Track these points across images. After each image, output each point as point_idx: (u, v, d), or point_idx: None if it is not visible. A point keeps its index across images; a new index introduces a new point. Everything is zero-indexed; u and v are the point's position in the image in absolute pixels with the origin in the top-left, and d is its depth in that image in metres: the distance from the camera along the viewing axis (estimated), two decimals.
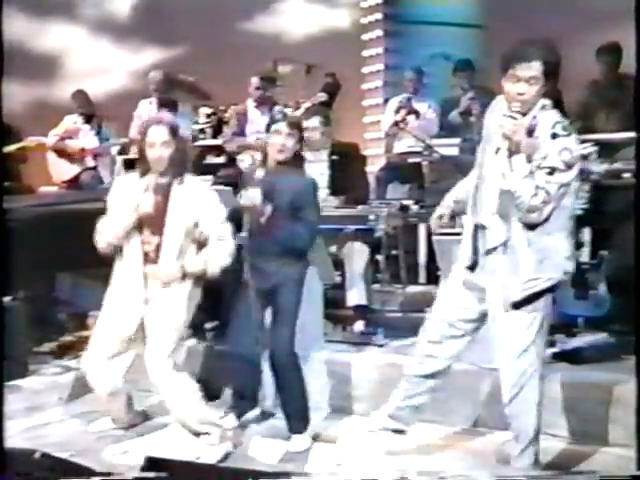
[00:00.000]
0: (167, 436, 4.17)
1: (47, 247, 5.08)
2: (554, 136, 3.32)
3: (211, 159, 7.11)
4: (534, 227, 3.36)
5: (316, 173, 4.71)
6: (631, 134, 4.77)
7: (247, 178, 4.13)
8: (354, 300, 5.05)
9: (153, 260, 3.95)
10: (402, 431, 3.87)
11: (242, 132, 6.70)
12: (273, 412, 4.35)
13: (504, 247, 3.43)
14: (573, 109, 5.69)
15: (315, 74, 6.82)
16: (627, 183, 4.78)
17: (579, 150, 3.48)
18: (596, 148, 4.80)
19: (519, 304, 3.42)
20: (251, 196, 3.91)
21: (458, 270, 3.65)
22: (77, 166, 7.24)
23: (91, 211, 4.40)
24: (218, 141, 7.03)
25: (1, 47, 3.25)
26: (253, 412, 4.32)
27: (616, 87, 5.78)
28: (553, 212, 3.33)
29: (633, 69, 3.88)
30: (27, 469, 2.55)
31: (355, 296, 5.04)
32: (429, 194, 5.67)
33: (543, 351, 3.55)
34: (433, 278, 5.26)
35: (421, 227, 5.71)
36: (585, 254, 4.75)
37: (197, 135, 7.28)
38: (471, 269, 3.55)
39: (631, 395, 3.27)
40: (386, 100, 7.86)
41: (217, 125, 7.28)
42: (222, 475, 2.91)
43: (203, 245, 3.97)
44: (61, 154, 7.24)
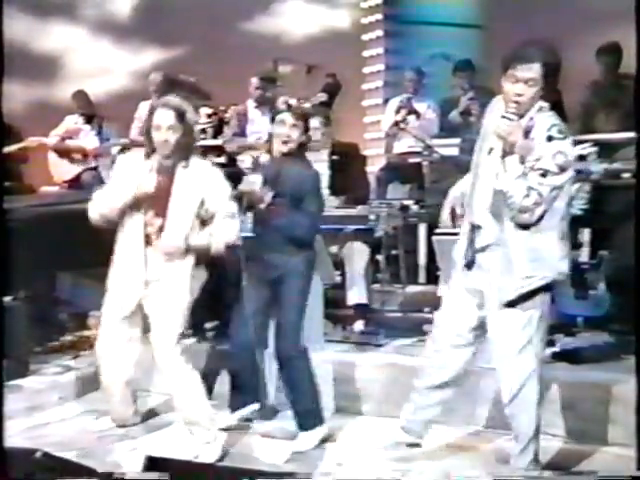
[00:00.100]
0: (167, 435, 4.19)
1: (48, 247, 5.09)
2: (550, 139, 3.32)
3: (212, 159, 7.10)
4: (526, 227, 3.36)
5: None
6: (630, 134, 4.77)
7: (252, 167, 4.12)
8: (354, 300, 5.05)
9: (155, 242, 3.92)
10: (417, 444, 3.84)
11: (242, 132, 6.71)
12: (277, 410, 4.33)
13: (496, 246, 3.43)
14: (573, 109, 5.70)
15: (315, 74, 6.81)
16: (627, 183, 4.78)
17: (574, 154, 3.49)
18: (596, 148, 4.81)
19: (513, 302, 3.42)
20: (251, 181, 3.90)
21: (457, 276, 3.64)
22: (78, 166, 7.26)
23: None
24: (218, 141, 7.04)
25: (1, 47, 3.25)
26: (252, 408, 4.29)
27: (616, 87, 5.78)
28: (545, 214, 3.33)
29: (633, 69, 3.90)
30: (27, 469, 2.55)
31: (355, 296, 5.04)
32: (429, 194, 5.68)
33: (541, 351, 3.55)
34: (433, 278, 5.26)
35: (421, 227, 5.70)
36: (585, 254, 4.75)
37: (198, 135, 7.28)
38: (468, 267, 3.55)
39: (631, 395, 3.27)
40: (386, 100, 7.86)
41: (218, 125, 7.28)
42: (222, 475, 2.90)
43: (207, 224, 3.94)
44: (62, 154, 7.26)
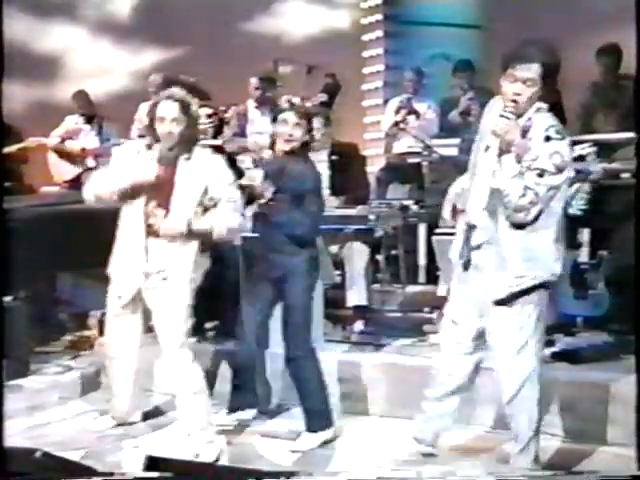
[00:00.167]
0: (168, 435, 4.19)
1: (48, 247, 5.10)
2: (547, 139, 3.32)
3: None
4: (521, 227, 3.36)
5: None
6: (630, 134, 4.78)
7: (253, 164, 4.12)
8: (354, 300, 5.06)
9: (156, 233, 3.91)
10: (431, 454, 3.81)
11: (243, 132, 6.71)
12: (279, 409, 4.35)
13: (490, 244, 3.43)
14: (573, 109, 5.70)
15: (315, 75, 6.82)
16: (626, 183, 4.79)
17: (571, 155, 3.48)
18: (595, 148, 4.81)
19: (505, 301, 3.42)
20: (252, 176, 3.90)
21: (455, 282, 3.64)
22: (78, 166, 7.26)
23: (92, 211, 4.41)
24: (218, 141, 7.04)
25: (1, 47, 3.26)
26: (251, 414, 4.30)
27: (615, 88, 5.79)
28: (541, 214, 3.33)
29: (633, 70, 3.90)
30: (27, 468, 2.55)
31: (355, 296, 5.05)
32: (429, 194, 5.68)
33: (540, 350, 3.56)
34: (433, 278, 5.26)
35: (421, 227, 5.71)
36: (584, 254, 4.75)
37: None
38: (465, 268, 3.54)
39: (630, 394, 3.27)
40: (386, 100, 7.85)
41: (218, 125, 7.28)
42: (222, 475, 2.90)
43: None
44: (62, 154, 7.26)
